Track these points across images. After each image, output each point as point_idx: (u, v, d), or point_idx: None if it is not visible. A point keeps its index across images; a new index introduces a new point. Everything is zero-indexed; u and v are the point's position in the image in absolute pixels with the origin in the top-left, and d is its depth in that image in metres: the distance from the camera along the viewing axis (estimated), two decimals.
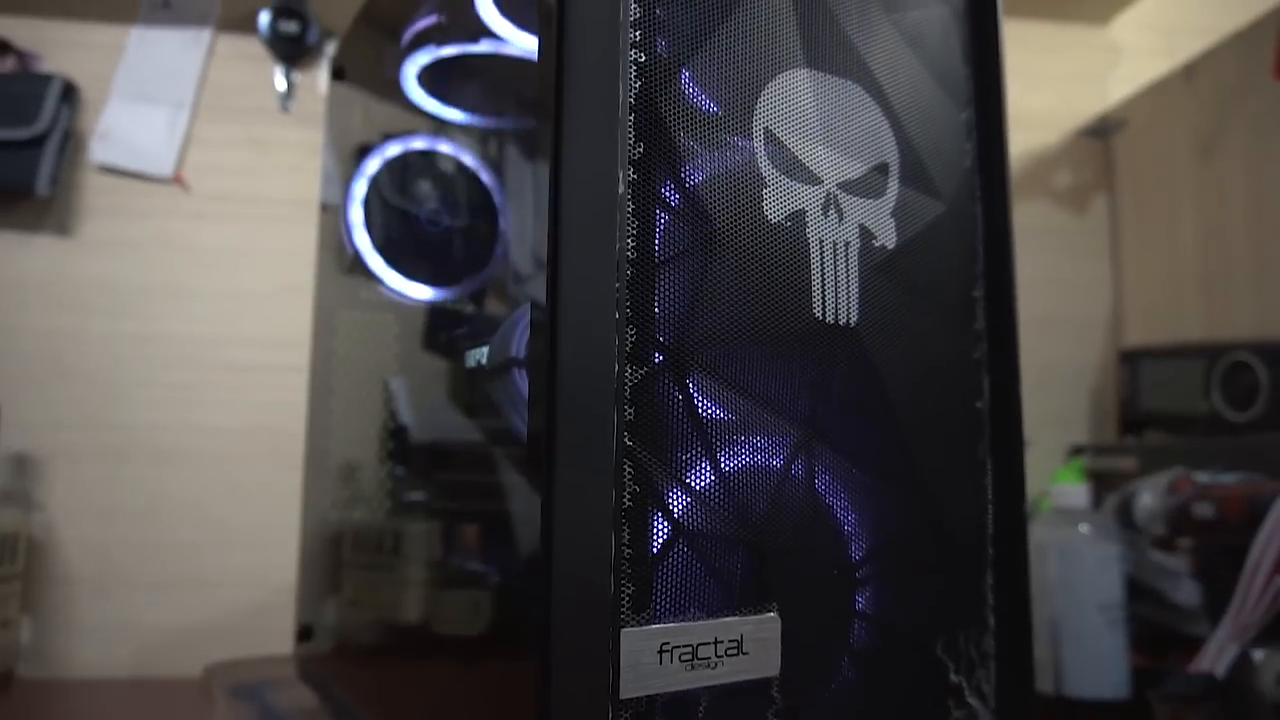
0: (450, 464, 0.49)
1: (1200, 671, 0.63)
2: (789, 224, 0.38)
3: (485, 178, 0.50)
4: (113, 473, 0.99)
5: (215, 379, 1.03)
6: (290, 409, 0.78)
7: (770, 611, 0.36)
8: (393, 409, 0.55)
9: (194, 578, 0.99)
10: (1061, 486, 0.74)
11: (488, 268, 0.48)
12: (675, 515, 0.34)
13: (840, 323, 0.39)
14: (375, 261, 0.59)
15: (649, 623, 0.32)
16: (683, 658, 0.33)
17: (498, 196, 0.48)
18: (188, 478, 1.01)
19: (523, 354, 0.39)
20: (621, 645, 0.32)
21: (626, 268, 0.34)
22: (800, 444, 0.37)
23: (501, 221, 0.48)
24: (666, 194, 0.35)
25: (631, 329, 0.33)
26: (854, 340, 0.39)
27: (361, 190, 0.60)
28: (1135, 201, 1.21)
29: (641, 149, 0.35)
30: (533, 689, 0.33)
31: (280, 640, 0.72)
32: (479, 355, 0.43)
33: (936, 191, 0.44)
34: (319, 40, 1.08)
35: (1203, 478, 0.75)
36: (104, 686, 0.93)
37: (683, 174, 0.36)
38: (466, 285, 0.50)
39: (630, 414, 0.33)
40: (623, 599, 0.32)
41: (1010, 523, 0.45)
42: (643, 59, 0.35)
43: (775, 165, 0.38)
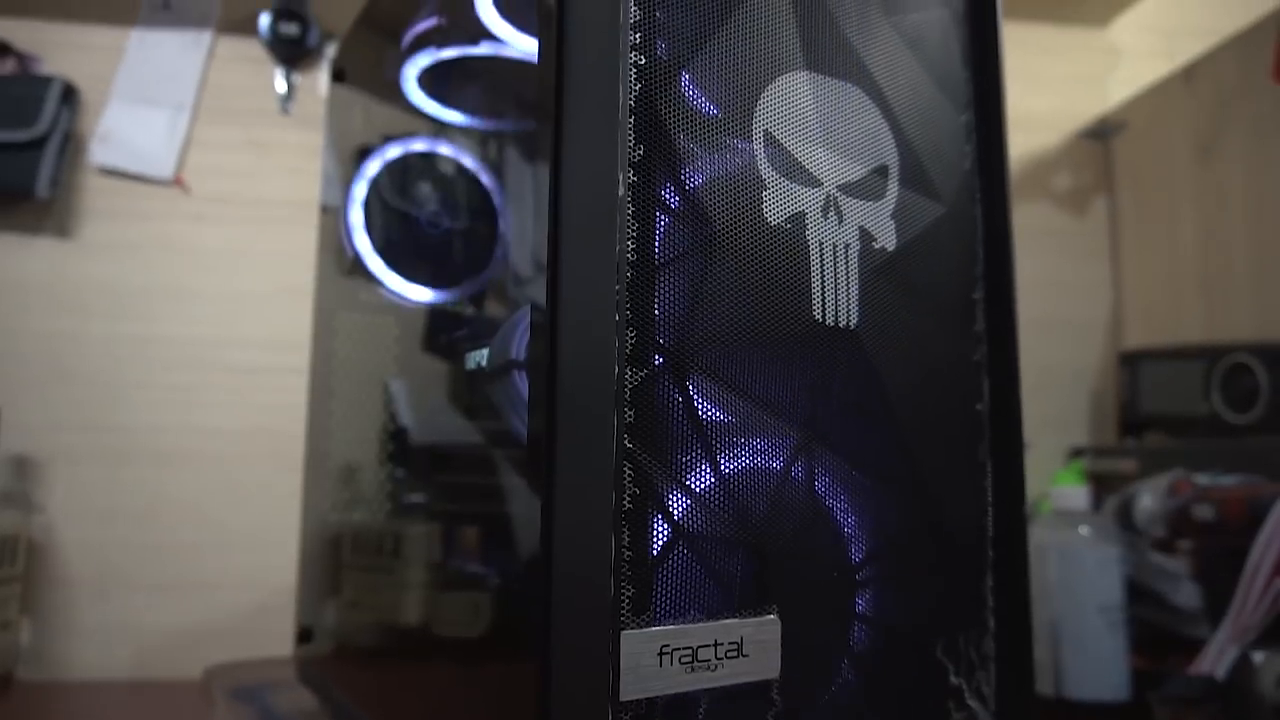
0: (450, 466, 0.49)
1: (1200, 674, 0.63)
2: (789, 226, 0.38)
3: (485, 180, 0.50)
4: (113, 474, 0.99)
5: (215, 381, 1.03)
6: (290, 411, 0.78)
7: (770, 614, 0.35)
8: (393, 411, 0.55)
9: (194, 580, 0.99)
10: (1061, 488, 0.74)
11: (488, 270, 0.48)
12: (675, 517, 0.34)
13: (840, 325, 0.39)
14: (375, 263, 0.59)
15: (649, 625, 0.32)
16: (683, 660, 0.33)
17: (498, 198, 0.48)
18: (188, 480, 1.01)
19: (523, 356, 0.39)
20: (621, 647, 0.32)
21: (626, 270, 0.34)
22: (800, 446, 0.37)
23: (501, 223, 0.48)
24: (666, 196, 0.35)
25: (631, 331, 0.33)
26: (854, 342, 0.39)
27: (361, 192, 0.60)
28: (1135, 203, 1.21)
29: (641, 151, 0.35)
30: (533, 691, 0.33)
31: (280, 642, 0.72)
32: (479, 357, 0.43)
33: (936, 194, 0.44)
34: (319, 42, 1.08)
35: (1203, 480, 0.75)
36: (104, 688, 0.93)
37: (683, 176, 0.36)
38: (466, 287, 0.50)
39: (630, 416, 0.33)
40: (623, 601, 0.32)
41: (1010, 525, 0.45)
42: (643, 61, 0.35)
43: (775, 167, 0.38)
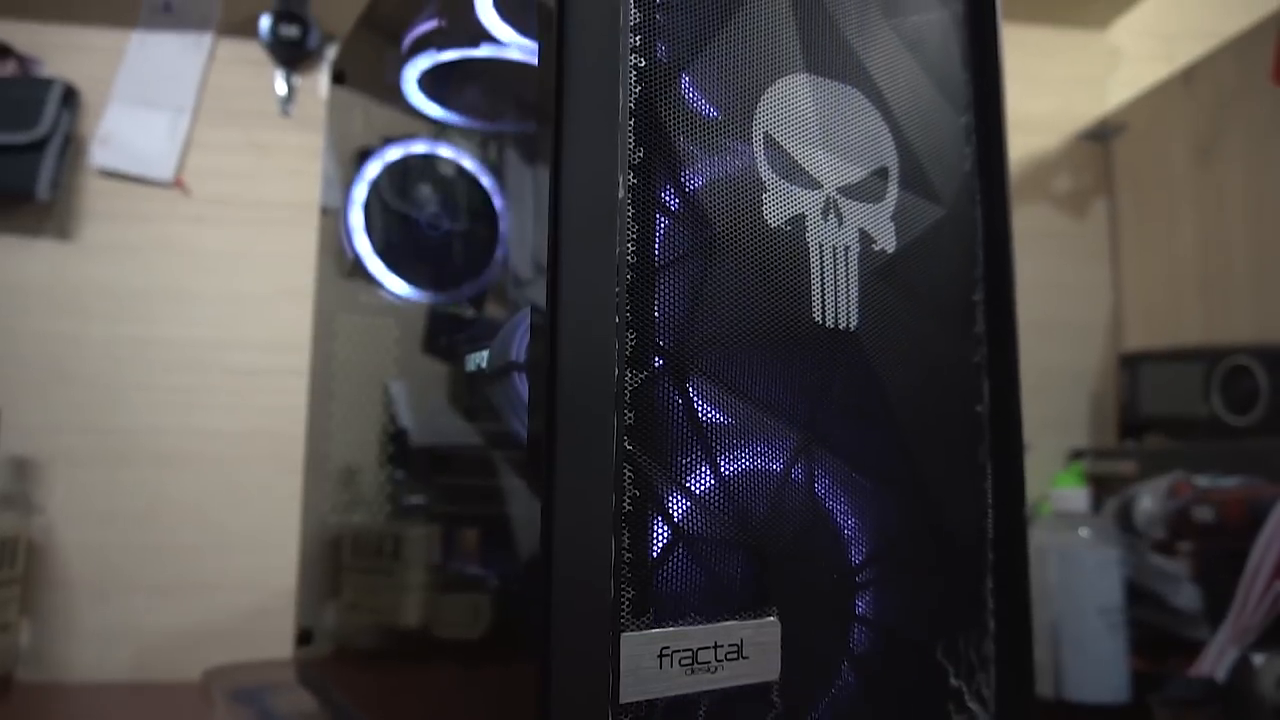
0: (450, 468, 0.49)
1: (1200, 675, 0.63)
2: (789, 228, 0.38)
3: (485, 182, 0.50)
4: (112, 476, 0.99)
5: (215, 383, 1.03)
6: (290, 412, 0.78)
7: (770, 616, 0.35)
8: (393, 413, 0.55)
9: (194, 581, 0.99)
10: (1061, 490, 0.74)
11: (488, 272, 0.48)
12: (675, 519, 0.34)
13: (840, 327, 0.39)
14: (375, 265, 0.59)
15: (649, 627, 0.32)
16: (682, 662, 0.33)
17: (498, 200, 0.48)
18: (188, 481, 1.01)
19: (523, 358, 0.39)
20: (621, 649, 0.32)
21: (626, 272, 0.34)
22: (800, 448, 0.37)
23: (501, 225, 0.48)
24: (666, 198, 0.35)
25: (631, 333, 0.33)
26: (854, 344, 0.39)
27: (362, 194, 0.60)
28: (1135, 205, 1.21)
29: (641, 153, 0.35)
30: (533, 693, 0.33)
31: (280, 644, 0.72)
32: (479, 359, 0.43)
33: (936, 196, 0.44)
34: (319, 44, 1.08)
35: (1203, 481, 0.75)
36: (103, 690, 0.93)
37: (683, 178, 0.36)
38: (466, 289, 0.50)
39: (630, 418, 0.33)
40: (623, 603, 0.32)
41: (1010, 526, 0.45)
42: (643, 64, 0.35)
43: (775, 170, 0.38)
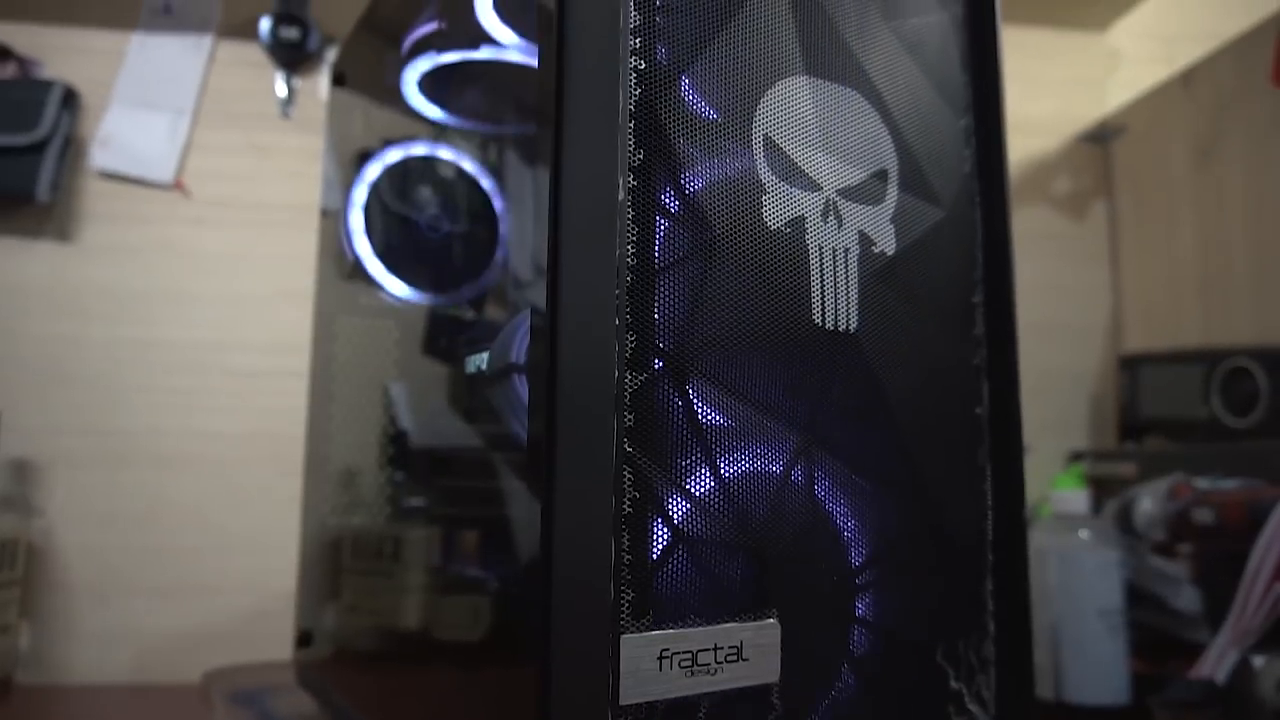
0: (450, 470, 0.49)
1: (1200, 677, 0.63)
2: (789, 230, 0.38)
3: (485, 183, 0.50)
4: (113, 478, 0.99)
5: (215, 384, 1.03)
6: (290, 414, 0.78)
7: (770, 618, 0.35)
8: (393, 414, 0.55)
9: (194, 583, 0.99)
10: (1061, 492, 0.74)
11: (488, 273, 0.48)
12: (675, 521, 0.34)
13: (840, 329, 0.39)
14: (375, 267, 0.59)
15: (649, 629, 0.32)
16: (682, 664, 0.33)
17: (498, 202, 0.48)
18: (188, 483, 1.01)
19: (523, 359, 0.39)
20: (621, 651, 0.32)
21: (626, 274, 0.34)
22: (800, 450, 0.37)
23: (502, 227, 0.48)
24: (666, 200, 0.35)
25: (631, 335, 0.33)
26: (854, 346, 0.39)
27: (362, 196, 0.60)
28: (1134, 207, 1.21)
29: (641, 155, 0.35)
30: (532, 695, 0.33)
31: (280, 646, 0.72)
32: (479, 361, 0.43)
33: (936, 197, 0.44)
34: (319, 46, 1.09)
35: (1202, 483, 0.75)
36: (103, 692, 0.93)
37: (683, 180, 0.36)
38: (466, 291, 0.50)
39: (630, 420, 0.33)
40: (622, 605, 0.32)
41: (1010, 528, 0.45)
42: (643, 66, 0.35)
43: (775, 172, 0.38)
